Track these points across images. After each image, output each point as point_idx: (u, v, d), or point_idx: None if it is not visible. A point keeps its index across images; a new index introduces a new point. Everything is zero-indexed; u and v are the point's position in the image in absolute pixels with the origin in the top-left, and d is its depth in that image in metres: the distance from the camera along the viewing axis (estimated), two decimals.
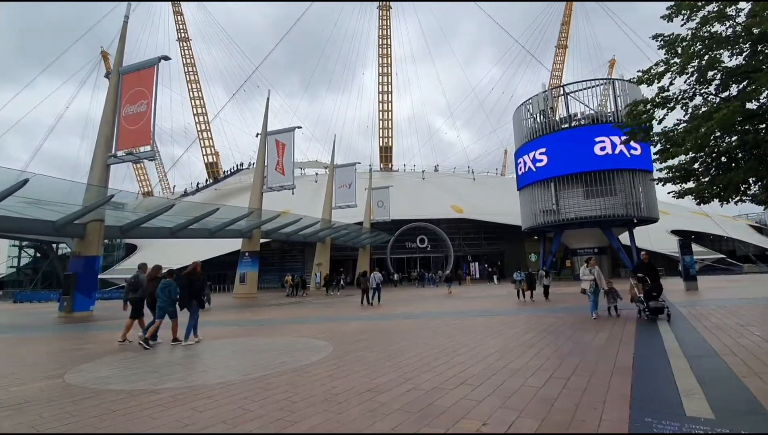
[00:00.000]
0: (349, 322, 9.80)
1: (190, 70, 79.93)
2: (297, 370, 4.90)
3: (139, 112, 16.32)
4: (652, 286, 7.74)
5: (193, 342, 7.29)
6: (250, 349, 6.56)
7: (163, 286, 7.15)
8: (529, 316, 9.63)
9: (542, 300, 13.86)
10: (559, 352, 5.41)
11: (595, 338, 6.33)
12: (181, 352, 6.65)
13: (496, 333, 7.25)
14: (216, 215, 22.13)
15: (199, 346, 7.10)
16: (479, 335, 7.03)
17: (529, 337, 6.61)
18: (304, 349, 6.34)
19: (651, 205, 34.46)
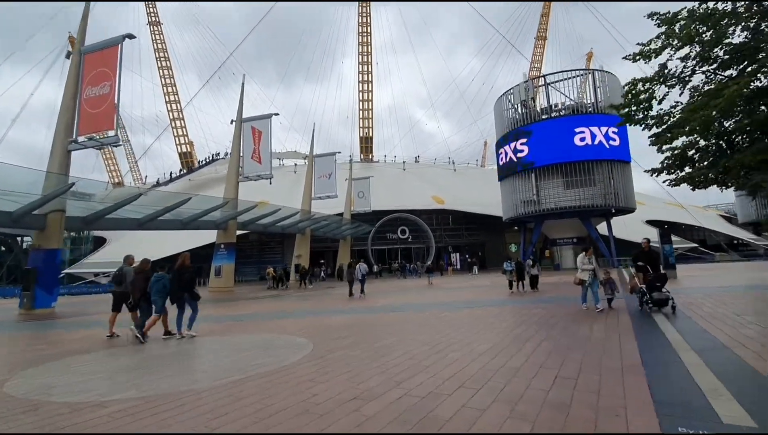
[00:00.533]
0: (332, 316, 9.26)
1: (162, 56, 76.68)
2: (274, 372, 4.33)
3: (102, 94, 15.14)
4: (655, 276, 7.30)
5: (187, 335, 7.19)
6: (224, 349, 5.95)
7: (156, 279, 7.12)
8: (518, 308, 9.31)
9: (530, 290, 13.58)
10: (558, 346, 5.02)
11: (592, 331, 6.00)
12: (146, 353, 5.98)
13: (487, 326, 6.85)
14: (188, 206, 21.04)
15: (168, 347, 6.44)
16: (470, 329, 6.61)
17: (523, 331, 6.23)
18: (284, 347, 5.77)
19: (628, 195, 35.03)
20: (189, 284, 7.34)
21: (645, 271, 7.45)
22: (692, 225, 52.67)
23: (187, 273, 7.39)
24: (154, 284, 7.09)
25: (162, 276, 7.21)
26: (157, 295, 7.08)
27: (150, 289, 7.10)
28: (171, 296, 7.21)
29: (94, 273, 37.22)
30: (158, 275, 7.21)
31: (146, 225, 18.98)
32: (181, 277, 7.24)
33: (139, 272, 7.41)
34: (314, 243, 37.48)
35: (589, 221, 35.54)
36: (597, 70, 36.07)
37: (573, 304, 9.41)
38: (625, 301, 9.27)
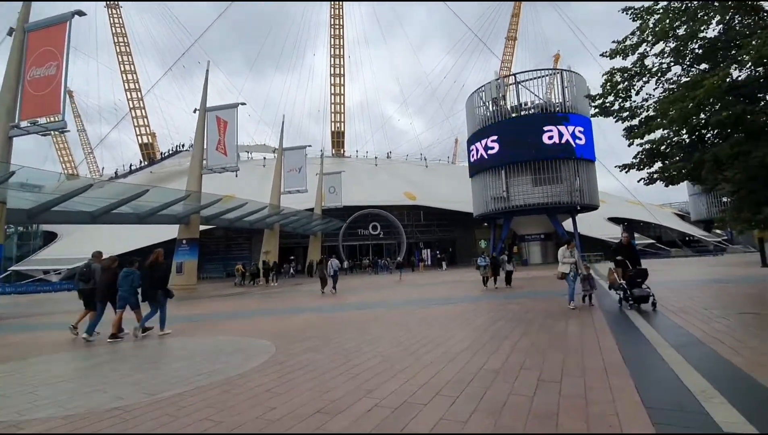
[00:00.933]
0: (299, 315, 8.74)
1: (121, 41, 72.43)
2: (226, 383, 3.83)
3: (47, 75, 13.83)
4: (636, 272, 7.01)
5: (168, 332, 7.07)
6: (174, 354, 5.36)
7: (125, 275, 6.93)
8: (492, 303, 9.12)
9: (504, 286, 13.23)
10: (537, 345, 4.77)
11: (567, 327, 5.82)
12: (82, 361, 5.30)
13: (462, 323, 6.57)
14: (147, 198, 19.77)
15: (109, 352, 5.77)
16: (445, 327, 6.30)
17: (499, 327, 5.98)
18: (241, 351, 5.24)
19: (592, 193, 36.13)
20: (162, 281, 7.20)
21: (624, 266, 7.25)
22: (649, 222, 55.21)
23: (160, 270, 7.24)
24: (123, 280, 6.88)
25: (131, 272, 6.96)
26: (127, 291, 6.86)
27: (119, 285, 6.91)
28: (143, 294, 7.01)
29: (43, 270, 34.67)
30: (127, 271, 6.96)
31: (100, 219, 17.67)
32: (153, 274, 7.06)
33: (106, 269, 7.20)
34: (284, 239, 36.49)
35: (555, 218, 36.39)
36: (565, 70, 36.86)
37: (546, 298, 9.34)
38: (599, 297, 9.28)
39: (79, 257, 36.65)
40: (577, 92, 36.27)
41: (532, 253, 39.81)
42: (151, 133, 75.01)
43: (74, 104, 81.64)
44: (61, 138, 79.25)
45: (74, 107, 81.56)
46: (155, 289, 7.06)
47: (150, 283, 7.02)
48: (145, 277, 7.02)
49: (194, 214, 23.60)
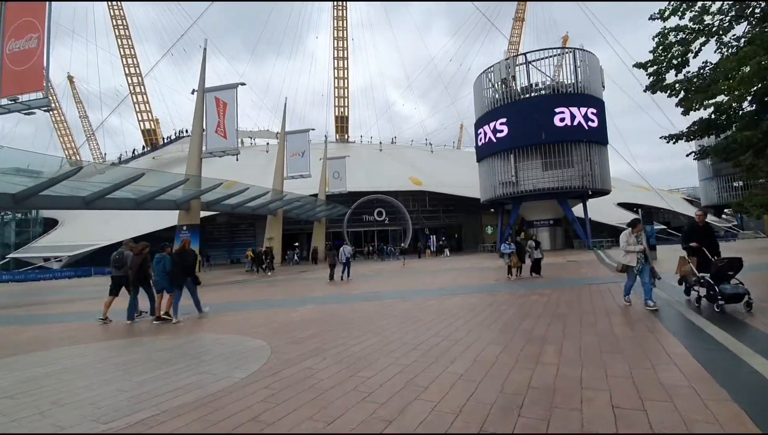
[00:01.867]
0: (300, 308, 7.92)
1: (120, 24, 70.77)
2: (202, 404, 2.99)
3: (28, 48, 12.87)
4: (728, 262, 5.27)
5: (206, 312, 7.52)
6: (153, 358, 4.53)
7: (157, 260, 7.15)
8: (515, 294, 8.24)
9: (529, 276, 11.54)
10: (587, 350, 3.90)
11: (612, 325, 4.94)
12: (42, 368, 4.50)
13: (487, 319, 5.71)
14: (144, 183, 18.98)
15: (75, 356, 4.96)
16: (467, 324, 5.44)
17: (532, 326, 5.11)
18: (229, 355, 4.40)
19: (605, 177, 34.96)
20: (191, 268, 7.34)
21: (701, 253, 5.75)
22: (659, 207, 54.02)
23: (189, 257, 7.38)
24: (156, 265, 7.11)
25: (162, 256, 7.16)
26: (160, 275, 7.08)
27: (152, 270, 7.21)
28: (173, 280, 7.15)
29: (43, 257, 34.19)
30: (159, 256, 7.16)
31: (94, 204, 16.89)
32: (184, 261, 7.20)
33: (137, 254, 7.44)
34: (288, 225, 35.77)
35: (565, 202, 35.35)
36: (578, 49, 35.26)
37: (576, 288, 8.47)
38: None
39: (81, 244, 36.21)
40: (590, 72, 34.81)
41: (541, 239, 38.64)
42: (154, 119, 73.99)
43: (75, 90, 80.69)
44: (62, 124, 78.43)
45: (75, 93, 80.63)
46: (185, 275, 7.21)
47: (181, 270, 7.16)
48: (175, 264, 7.15)
49: (194, 199, 22.80)
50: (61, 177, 13.68)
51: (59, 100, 78.30)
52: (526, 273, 11.85)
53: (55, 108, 75.74)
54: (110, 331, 6.60)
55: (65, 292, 17.35)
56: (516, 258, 11.41)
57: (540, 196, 34.77)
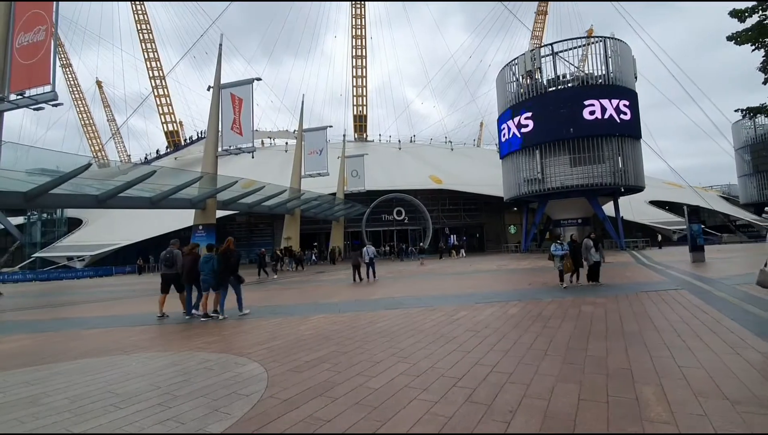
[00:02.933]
0: (310, 317, 6.95)
1: (144, 28, 71.99)
2: None
3: (36, 41, 12.40)
4: None
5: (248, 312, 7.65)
6: (106, 391, 3.58)
7: (205, 260, 7.31)
8: (560, 303, 7.05)
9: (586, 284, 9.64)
10: (709, 399, 2.77)
11: (717, 351, 3.77)
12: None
13: (539, 341, 4.58)
14: (160, 181, 18.52)
15: (28, 382, 4.11)
16: (515, 347, 4.34)
17: (602, 350, 3.98)
18: (212, 389, 3.42)
19: (638, 173, 32.95)
20: (236, 267, 7.51)
21: None
22: (694, 205, 51.17)
23: (234, 256, 7.49)
24: (204, 265, 7.27)
25: (211, 256, 7.34)
26: (208, 274, 7.24)
27: (200, 269, 7.31)
28: (220, 279, 7.33)
29: (67, 257, 34.57)
30: (207, 256, 7.35)
31: (107, 202, 16.46)
32: (228, 261, 7.34)
33: (187, 254, 7.70)
34: (306, 225, 35.13)
35: (595, 200, 33.50)
36: (609, 38, 33.33)
37: (626, 295, 7.23)
38: None
39: (103, 244, 36.53)
40: (621, 62, 32.88)
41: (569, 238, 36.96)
42: (177, 121, 75.02)
43: (104, 95, 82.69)
44: (91, 127, 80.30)
45: (104, 98, 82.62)
46: (229, 274, 7.37)
47: (225, 269, 7.30)
48: (221, 263, 7.28)
49: (210, 198, 22.28)
50: (70, 174, 13.18)
51: (88, 104, 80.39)
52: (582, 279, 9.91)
53: (85, 111, 77.93)
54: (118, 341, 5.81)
55: (93, 292, 16.91)
56: (571, 261, 9.29)
57: (568, 193, 33.05)
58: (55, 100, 12.13)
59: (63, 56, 73.81)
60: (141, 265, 33.92)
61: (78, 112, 79.39)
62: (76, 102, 78.37)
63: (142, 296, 13.34)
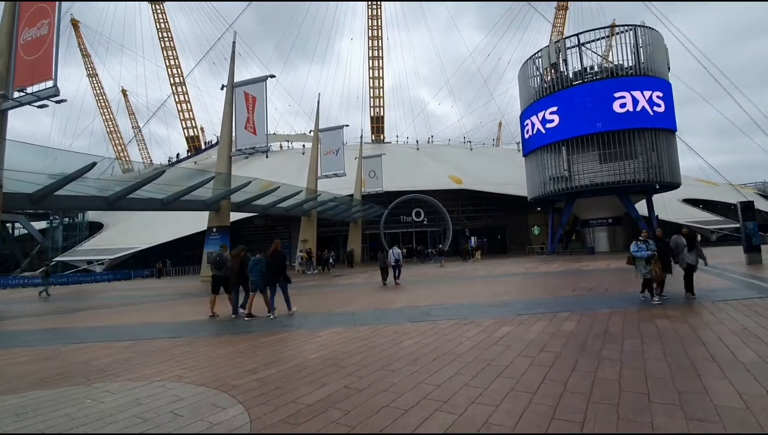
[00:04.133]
0: (320, 331, 5.87)
1: (165, 36, 73.14)
2: None
3: (39, 36, 11.83)
4: None
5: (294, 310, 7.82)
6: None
7: (254, 262, 7.58)
8: (623, 315, 5.79)
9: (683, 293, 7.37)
10: None
11: None
12: None
13: (622, 373, 3.38)
14: (170, 181, 17.92)
15: None
16: (596, 385, 3.16)
17: (725, 391, 2.77)
18: None
19: (674, 169, 30.88)
20: (283, 268, 7.72)
21: None
22: (728, 203, 48.24)
23: (281, 258, 7.73)
24: (254, 267, 7.54)
25: (259, 260, 7.59)
26: (257, 276, 7.52)
27: (249, 271, 7.59)
28: (268, 280, 7.56)
29: (87, 261, 34.68)
30: (256, 259, 7.63)
31: (117, 204, 15.89)
32: (276, 262, 7.58)
33: (235, 257, 8.00)
34: (322, 227, 34.31)
35: (628, 198, 31.56)
36: (639, 26, 31.40)
37: (700, 304, 5.90)
38: None
39: (122, 247, 36.61)
40: (653, 51, 30.91)
41: (598, 239, 35.07)
42: (198, 126, 75.82)
43: (128, 103, 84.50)
44: (116, 134, 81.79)
45: (128, 105, 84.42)
46: (277, 275, 7.58)
47: (274, 270, 7.53)
48: (269, 265, 7.49)
49: (224, 199, 21.60)
50: (75, 174, 12.55)
51: (113, 112, 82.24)
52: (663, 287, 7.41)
53: (111, 118, 79.52)
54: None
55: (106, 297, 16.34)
56: (660, 266, 6.86)
57: (597, 191, 31.25)
58: (57, 96, 11.50)
59: (90, 66, 75.74)
60: (160, 268, 33.68)
61: (104, 120, 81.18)
62: (102, 110, 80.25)
63: (153, 301, 12.60)
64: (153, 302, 12.42)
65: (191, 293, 15.20)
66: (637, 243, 7.13)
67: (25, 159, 13.80)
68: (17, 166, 12.58)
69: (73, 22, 74.25)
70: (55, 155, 15.80)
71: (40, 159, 14.66)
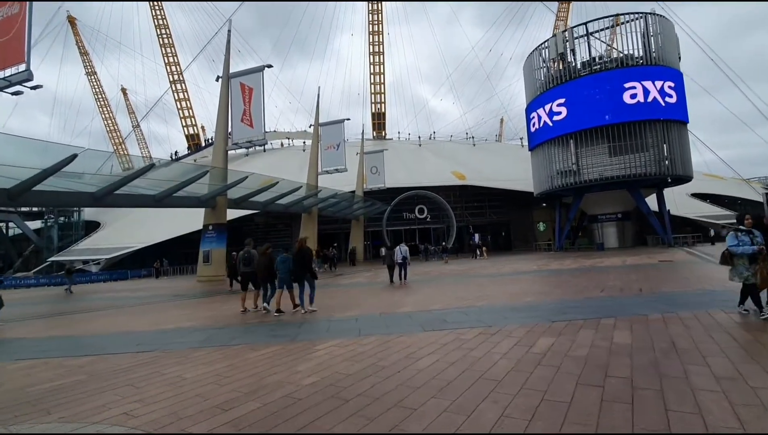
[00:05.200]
0: (317, 345, 4.86)
1: (164, 33, 72.01)
2: None
3: (10, 15, 10.86)
4: None
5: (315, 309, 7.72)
6: None
7: (282, 260, 7.72)
8: (685, 323, 4.82)
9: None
10: None
11: None
12: None
13: (735, 414, 2.44)
14: (161, 176, 16.99)
15: None
16: (689, 423, 2.20)
17: None
18: None
19: (686, 161, 29.81)
20: (309, 265, 7.83)
21: None
22: (735, 197, 47.14)
23: (307, 255, 7.82)
24: (281, 264, 7.66)
25: (287, 257, 7.73)
26: (285, 273, 7.64)
27: (276, 268, 7.75)
28: (296, 276, 7.68)
29: (83, 260, 33.79)
30: (284, 257, 7.76)
31: (104, 200, 14.94)
32: (303, 259, 7.68)
33: (263, 254, 8.15)
34: (323, 224, 33.37)
35: (638, 192, 30.54)
36: (650, 14, 30.28)
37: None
38: None
39: (119, 247, 35.72)
40: (663, 40, 29.79)
41: (607, 235, 34.04)
42: (197, 124, 74.82)
43: (128, 102, 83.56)
44: (116, 133, 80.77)
45: (128, 104, 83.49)
46: (305, 271, 7.68)
47: (301, 267, 7.62)
48: (297, 262, 7.61)
49: (220, 195, 20.64)
50: (53, 169, 11.60)
51: (113, 111, 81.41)
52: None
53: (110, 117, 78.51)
54: None
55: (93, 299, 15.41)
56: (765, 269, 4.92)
57: (606, 186, 30.25)
58: (30, 81, 10.53)
59: (88, 64, 74.82)
60: (158, 267, 32.75)
61: (103, 119, 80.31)
62: (102, 109, 79.37)
63: (140, 304, 11.66)
64: (140, 305, 11.48)
65: (185, 295, 14.25)
66: (737, 234, 5.16)
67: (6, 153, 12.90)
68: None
69: (70, 19, 73.32)
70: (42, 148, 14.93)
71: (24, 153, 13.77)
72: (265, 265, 7.98)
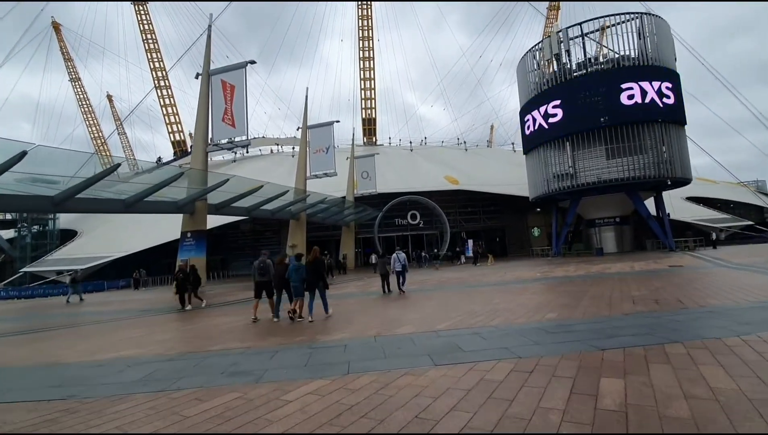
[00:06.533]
0: (288, 391, 3.48)
1: (149, 38, 70.45)
2: None
3: None
4: None
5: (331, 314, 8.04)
6: None
7: (295, 268, 7.85)
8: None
9: None
10: None
11: None
12: None
13: None
14: (141, 181, 15.54)
15: None
16: None
17: None
18: None
19: (685, 163, 29.16)
20: (322, 274, 8.08)
21: None
22: (728, 201, 47.00)
23: (321, 264, 8.06)
24: (294, 273, 7.82)
25: (300, 265, 7.88)
26: (298, 282, 7.77)
27: (288, 276, 7.93)
28: (309, 284, 7.84)
29: (56, 271, 31.87)
30: (296, 265, 7.88)
31: (64, 205, 13.44)
32: (317, 268, 7.93)
33: (278, 264, 8.39)
34: (313, 231, 31.96)
35: (637, 195, 29.76)
36: (645, 14, 29.79)
37: None
38: None
39: (96, 256, 33.85)
40: (659, 40, 29.25)
41: (605, 240, 33.16)
42: (184, 131, 73.01)
43: (114, 109, 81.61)
44: (100, 140, 78.54)
45: (114, 111, 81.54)
46: (318, 280, 7.91)
47: (316, 275, 7.85)
48: (311, 271, 7.81)
49: (199, 200, 19.18)
50: (4, 165, 10.13)
51: (98, 117, 79.44)
52: None
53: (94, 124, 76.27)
54: None
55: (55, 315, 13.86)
56: None
57: (604, 189, 29.43)
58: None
59: (72, 70, 72.89)
60: (137, 278, 30.90)
61: (87, 126, 78.08)
62: (86, 116, 77.14)
63: (99, 323, 10.18)
64: (95, 324, 10.01)
65: (153, 309, 12.77)
66: None
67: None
68: None
69: (55, 25, 71.53)
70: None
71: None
72: (281, 274, 8.18)
